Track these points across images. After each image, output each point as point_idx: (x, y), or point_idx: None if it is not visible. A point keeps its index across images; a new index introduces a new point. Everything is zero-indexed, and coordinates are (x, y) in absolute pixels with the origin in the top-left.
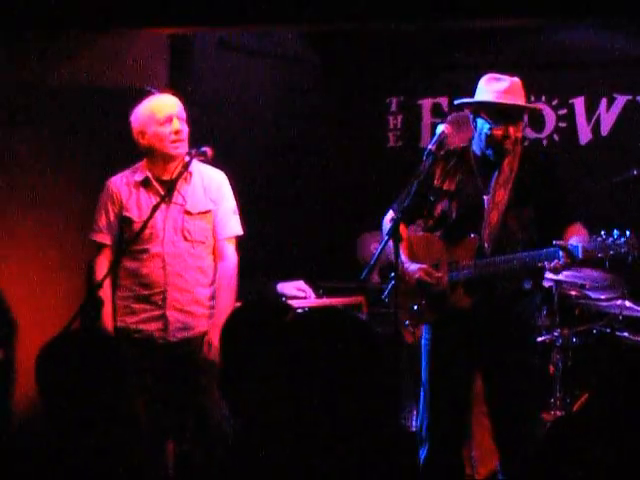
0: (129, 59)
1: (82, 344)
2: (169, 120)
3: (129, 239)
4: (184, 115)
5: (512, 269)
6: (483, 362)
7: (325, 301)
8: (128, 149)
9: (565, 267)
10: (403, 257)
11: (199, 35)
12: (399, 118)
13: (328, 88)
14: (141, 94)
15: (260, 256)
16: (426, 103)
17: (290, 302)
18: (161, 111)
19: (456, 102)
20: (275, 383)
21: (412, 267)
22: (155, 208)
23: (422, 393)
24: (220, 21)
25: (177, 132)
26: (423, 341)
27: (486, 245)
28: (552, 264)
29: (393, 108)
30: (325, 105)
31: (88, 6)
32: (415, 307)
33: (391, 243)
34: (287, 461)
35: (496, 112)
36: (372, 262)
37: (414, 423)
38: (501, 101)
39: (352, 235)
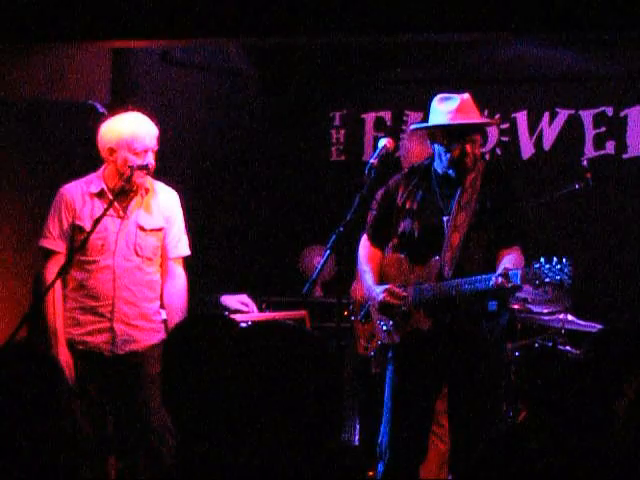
0: (71, 73)
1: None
2: (145, 153)
3: (78, 249)
4: (157, 148)
5: (462, 293)
6: (445, 381)
7: (268, 315)
8: (69, 161)
9: (513, 288)
10: (369, 281)
11: (141, 50)
12: (342, 132)
13: (271, 102)
14: (84, 108)
15: (203, 269)
16: (369, 117)
17: (233, 316)
18: (141, 142)
19: (411, 127)
20: (218, 397)
21: (377, 289)
22: (98, 220)
23: (385, 409)
24: (162, 34)
25: (146, 166)
26: (388, 359)
27: (447, 268)
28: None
29: (336, 122)
30: (268, 119)
31: (28, 20)
32: (384, 327)
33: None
34: (229, 476)
35: (450, 133)
36: (314, 276)
37: (356, 438)
38: (453, 122)
39: (295, 249)
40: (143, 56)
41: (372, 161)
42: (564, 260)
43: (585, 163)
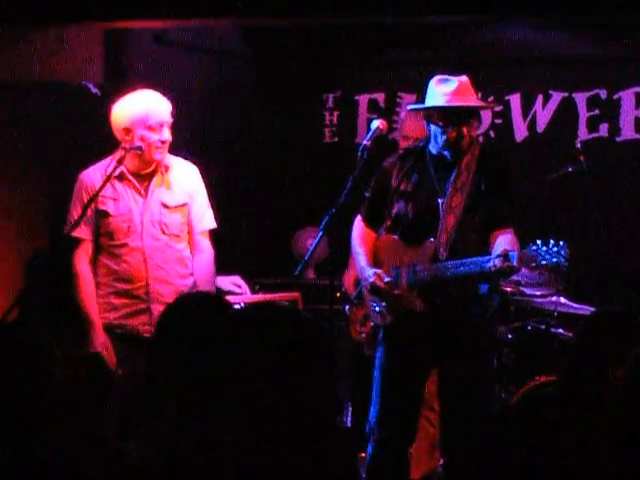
0: (64, 55)
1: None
2: (160, 127)
3: (105, 233)
4: (172, 121)
5: (457, 275)
6: (437, 362)
7: (261, 297)
8: (64, 144)
9: (510, 269)
10: (363, 262)
11: (134, 31)
12: (335, 114)
13: (264, 84)
14: (77, 89)
15: None
16: (362, 99)
17: (226, 297)
18: (155, 116)
19: (408, 108)
20: (209, 377)
21: (367, 272)
22: (106, 180)
23: (374, 390)
24: (155, 15)
25: (164, 141)
26: (378, 340)
27: (442, 249)
28: (493, 263)
29: (329, 104)
30: (261, 101)
31: (20, 2)
32: (377, 308)
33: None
34: (221, 458)
35: (447, 115)
36: (306, 258)
37: (349, 419)
38: (450, 104)
39: (288, 231)
40: (136, 37)
41: (365, 142)
42: (561, 243)
43: (579, 146)
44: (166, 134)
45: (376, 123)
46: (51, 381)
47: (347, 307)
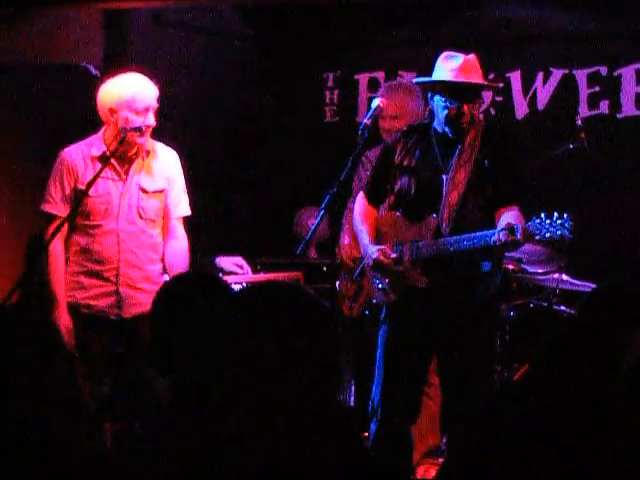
0: (64, 36)
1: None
2: (145, 111)
3: (81, 213)
4: (157, 107)
5: (461, 250)
6: (439, 339)
7: (262, 277)
8: (63, 124)
9: (514, 243)
10: (365, 239)
11: (134, 11)
12: (335, 93)
13: (264, 63)
14: (77, 70)
15: (198, 231)
16: (363, 78)
17: (227, 277)
18: (142, 101)
19: (414, 81)
20: (212, 356)
21: (371, 249)
22: (91, 183)
23: (377, 369)
24: None
25: (148, 126)
26: (381, 318)
27: (444, 225)
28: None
29: (330, 83)
30: (261, 80)
31: None
32: (380, 285)
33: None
34: (225, 437)
35: (450, 90)
36: (308, 237)
37: (352, 399)
38: (454, 79)
39: (289, 210)
40: (135, 18)
41: (365, 121)
42: (564, 215)
43: (579, 123)
44: (150, 119)
45: (377, 101)
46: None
47: (338, 283)
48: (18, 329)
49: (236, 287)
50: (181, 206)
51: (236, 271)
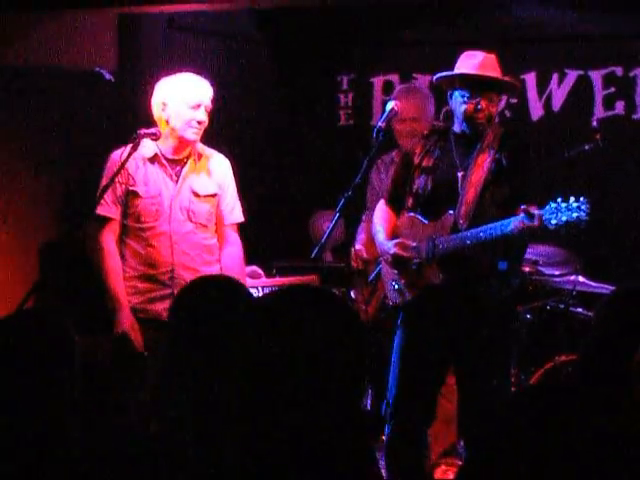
0: (77, 40)
1: (29, 327)
2: (198, 107)
3: (132, 215)
4: (210, 107)
5: (478, 242)
6: (455, 339)
7: (278, 281)
8: (76, 129)
9: (531, 229)
10: (382, 238)
11: (148, 16)
12: (350, 96)
13: (278, 67)
14: (91, 75)
15: None
16: (377, 81)
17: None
18: (195, 96)
19: (435, 77)
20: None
21: (388, 244)
22: (123, 164)
23: (392, 371)
24: (168, 0)
25: (200, 122)
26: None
27: (461, 222)
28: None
29: (344, 86)
30: (276, 84)
31: None
32: (396, 286)
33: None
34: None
35: (469, 84)
36: (323, 241)
37: (369, 402)
38: (474, 72)
39: (304, 214)
40: (149, 22)
41: (380, 124)
42: (581, 198)
43: (595, 124)
44: (202, 115)
45: (391, 104)
46: (71, 366)
47: (352, 291)
48: (34, 334)
49: (253, 291)
50: (235, 213)
51: (251, 275)
